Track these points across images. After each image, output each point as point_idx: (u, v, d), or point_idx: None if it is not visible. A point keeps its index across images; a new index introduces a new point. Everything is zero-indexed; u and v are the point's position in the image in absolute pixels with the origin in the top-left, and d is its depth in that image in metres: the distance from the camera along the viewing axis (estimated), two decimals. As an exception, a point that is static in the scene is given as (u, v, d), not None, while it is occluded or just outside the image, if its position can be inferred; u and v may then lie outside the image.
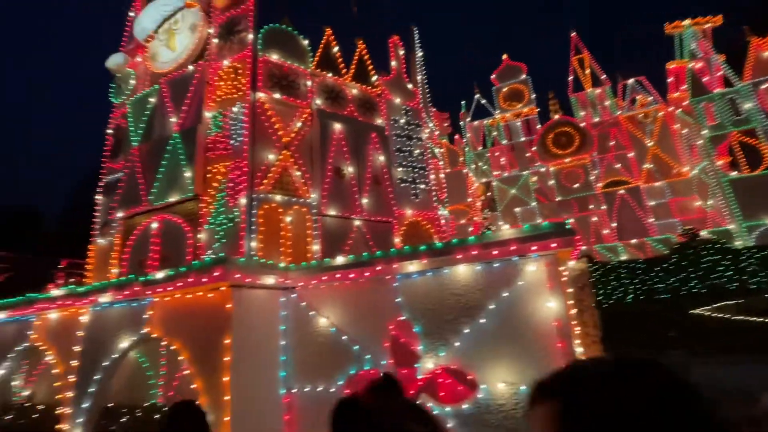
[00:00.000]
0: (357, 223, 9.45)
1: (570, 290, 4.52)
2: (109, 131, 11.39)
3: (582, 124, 22.01)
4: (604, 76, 23.37)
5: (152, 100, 10.21)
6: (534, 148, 23.01)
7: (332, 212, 9.17)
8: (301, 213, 8.82)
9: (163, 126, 9.73)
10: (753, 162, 17.67)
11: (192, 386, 5.01)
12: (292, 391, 5.40)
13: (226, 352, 4.77)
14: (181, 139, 9.17)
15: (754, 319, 10.67)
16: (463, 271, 4.93)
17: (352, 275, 5.33)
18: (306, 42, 10.26)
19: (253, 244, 7.91)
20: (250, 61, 9.19)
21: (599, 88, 22.96)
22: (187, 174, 8.77)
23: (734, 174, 17.49)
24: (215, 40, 9.93)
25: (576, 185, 21.53)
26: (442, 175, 14.48)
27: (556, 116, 22.70)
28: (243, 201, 8.17)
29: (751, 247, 14.04)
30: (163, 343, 7.66)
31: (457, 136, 27.97)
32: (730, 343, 9.43)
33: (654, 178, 20.65)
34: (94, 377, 5.79)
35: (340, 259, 5.55)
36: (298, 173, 9.03)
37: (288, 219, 8.60)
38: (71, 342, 6.19)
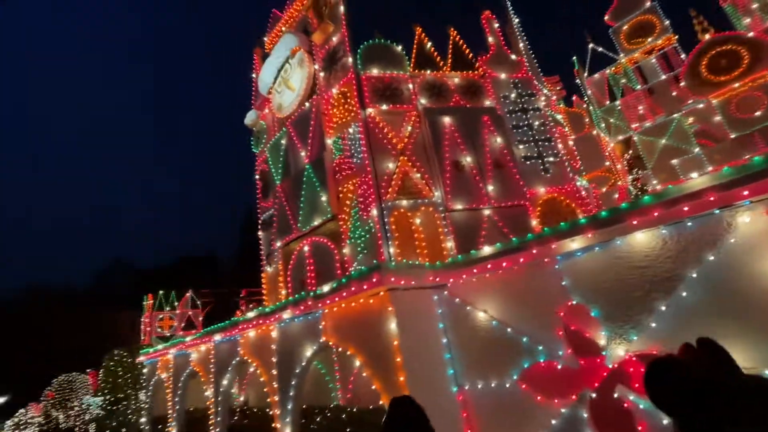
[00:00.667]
0: (486, 212, 9.06)
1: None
2: (257, 176, 13.52)
3: (749, 35, 17.08)
4: (772, -37, 17.79)
5: (283, 142, 11.72)
6: (682, 84, 18.77)
7: (459, 206, 8.99)
8: (429, 213, 8.89)
9: (296, 162, 11.07)
10: None
11: (372, 387, 5.43)
12: (465, 388, 5.35)
13: (397, 352, 5.01)
14: (312, 169, 10.26)
15: None
16: (641, 239, 4.14)
17: (504, 264, 5.05)
18: (400, 48, 10.46)
19: (392, 250, 8.27)
20: (354, 83, 9.80)
21: (767, -20, 17.51)
22: (324, 198, 9.74)
23: None
24: (322, 74, 10.90)
25: (758, 113, 16.69)
26: (571, 143, 12.93)
27: (706, 36, 18.13)
28: (375, 212, 8.64)
29: None
30: (335, 350, 8.60)
31: (575, 98, 24.80)
32: None
33: None
34: (292, 382, 6.78)
35: (487, 249, 5.32)
36: (418, 175, 9.16)
37: (417, 221, 8.76)
38: (269, 354, 7.41)
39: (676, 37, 20.03)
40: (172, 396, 11.15)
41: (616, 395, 4.25)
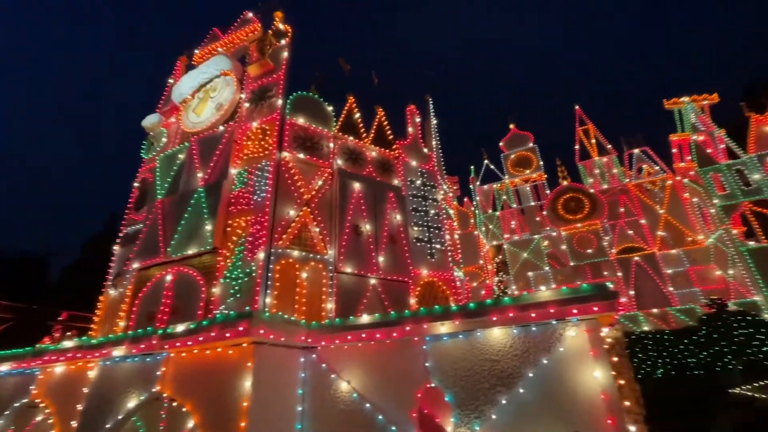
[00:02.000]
0: (373, 281, 9.27)
1: (615, 359, 4.22)
2: (136, 184, 11.81)
3: (591, 191, 22.37)
4: (609, 146, 24.26)
5: (181, 156, 10.70)
6: (544, 213, 23.18)
7: (348, 270, 9.05)
8: (318, 269, 8.72)
9: (189, 181, 10.08)
10: (768, 231, 17.46)
11: (199, 456, 4.54)
12: (307, 466, 4.87)
13: (243, 416, 4.39)
14: (205, 193, 9.43)
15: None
16: (498, 335, 4.66)
17: (378, 335, 5.07)
18: (330, 108, 10.95)
19: (268, 300, 7.72)
20: (278, 124, 9.76)
21: (606, 156, 23.71)
22: (208, 227, 8.87)
23: (752, 243, 17.24)
24: (246, 104, 10.65)
25: (589, 250, 21.28)
26: (456, 236, 14.47)
27: (565, 182, 23.17)
28: (261, 255, 8.14)
29: (783, 320, 13.32)
30: (166, 405, 7.17)
31: (466, 199, 28.47)
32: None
33: (669, 246, 20.41)
34: (93, 441, 5.33)
35: (365, 318, 5.32)
36: (317, 229, 9.09)
37: (304, 275, 8.48)
38: (75, 399, 5.80)
39: (546, 176, 25.27)
40: None
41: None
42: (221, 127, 10.51)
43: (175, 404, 5.26)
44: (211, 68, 11.72)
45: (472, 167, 28.23)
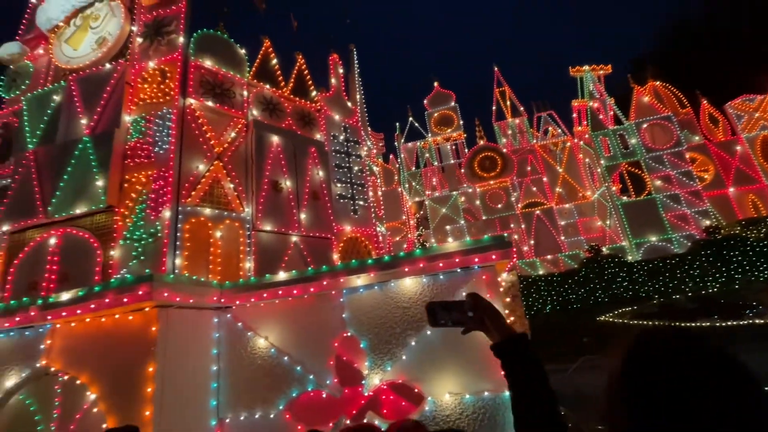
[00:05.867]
0: (294, 239, 9.12)
1: (507, 300, 4.81)
2: (-4, 130, 9.71)
3: (504, 150, 24.12)
4: (522, 108, 26.07)
5: (56, 98, 8.98)
6: (462, 170, 24.59)
7: (268, 227, 8.74)
8: (234, 228, 8.28)
9: (69, 128, 8.56)
10: (638, 188, 20.83)
11: (102, 426, 4.24)
12: (226, 420, 4.89)
13: (149, 382, 4.16)
14: (92, 143, 8.13)
15: (646, 322, 12.36)
16: (409, 284, 4.98)
17: (295, 291, 5.08)
18: (243, 51, 9.90)
19: (178, 261, 7.20)
20: (180, 65, 8.58)
21: (518, 118, 25.50)
22: (100, 183, 7.76)
23: (625, 198, 20.43)
24: (139, 39, 9.12)
25: (499, 206, 23.36)
26: (380, 193, 14.72)
27: (482, 142, 24.61)
28: (167, 214, 7.44)
29: (640, 260, 16.39)
30: (60, 380, 6.52)
31: (391, 156, 28.79)
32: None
33: (564, 201, 23.25)
34: (-36, 427, 4.68)
35: (282, 275, 5.27)
36: (231, 186, 8.51)
37: (218, 234, 8.00)
38: (-67, 384, 4.95)
39: (465, 135, 26.54)
40: None
41: (365, 420, 4.74)
42: (108, 65, 8.93)
43: (67, 377, 4.77)
44: (89, -11, 9.67)
45: (397, 124, 28.40)
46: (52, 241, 7.70)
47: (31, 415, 6.67)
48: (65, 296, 4.53)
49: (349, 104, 12.36)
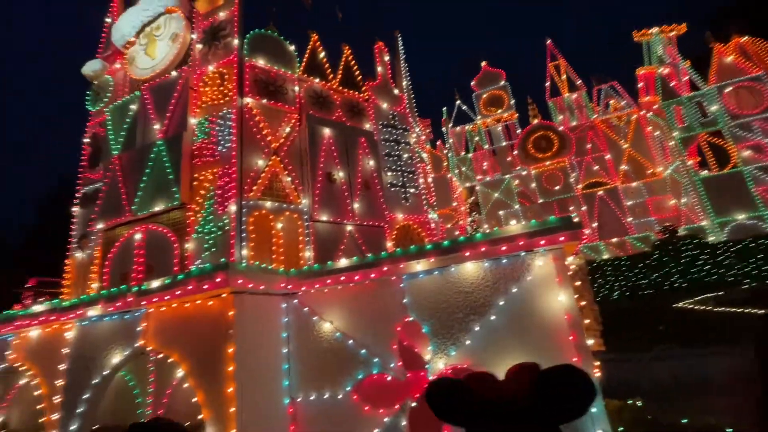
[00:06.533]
0: (349, 228, 9.35)
1: (578, 283, 4.58)
2: (86, 140, 10.95)
3: (560, 128, 22.67)
4: (580, 81, 24.23)
5: (133, 107, 9.88)
6: (515, 152, 23.53)
7: (324, 218, 9.03)
8: (293, 219, 8.66)
9: (145, 134, 9.41)
10: (721, 161, 18.60)
11: (192, 400, 4.74)
12: (297, 400, 5.22)
13: (229, 361, 4.56)
14: (165, 146, 8.88)
15: (734, 309, 11.11)
16: (471, 269, 4.91)
17: (357, 277, 5.23)
18: (292, 47, 10.19)
19: (245, 252, 7.69)
20: (236, 67, 9.04)
21: (575, 93, 23.77)
22: (173, 182, 8.48)
23: (705, 173, 18.35)
24: (199, 46, 9.73)
25: (557, 187, 22.10)
26: (430, 179, 14.57)
27: (536, 121, 23.31)
28: (233, 208, 7.95)
29: (726, 241, 14.70)
30: (152, 359, 7.32)
31: (438, 142, 28.32)
32: (712, 334, 9.76)
33: (630, 179, 21.43)
34: (83, 396, 5.42)
35: (343, 262, 5.44)
36: (288, 179, 8.88)
37: (279, 226, 8.42)
38: (57, 360, 5.80)
39: (517, 115, 25.29)
40: None
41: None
42: (174, 73, 9.65)
43: (161, 356, 5.37)
44: (155, 3, 10.46)
45: (444, 109, 27.76)
46: (138, 236, 8.57)
47: (130, 390, 7.59)
48: (155, 284, 5.06)
49: (396, 92, 12.28)
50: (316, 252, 8.56)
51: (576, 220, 4.67)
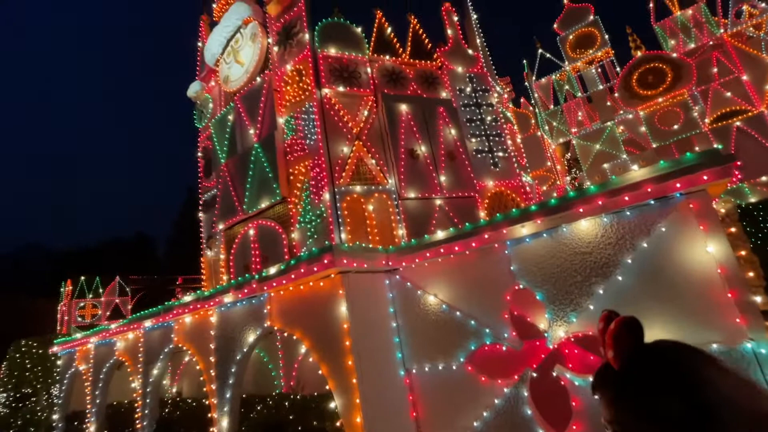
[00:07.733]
0: (438, 202, 9.18)
1: (732, 229, 3.77)
2: (200, 154, 12.55)
3: (673, 56, 18.97)
4: (696, -8, 19.87)
5: (230, 117, 10.97)
6: (616, 94, 20.44)
7: (412, 195, 9.01)
8: (383, 200, 8.81)
9: (244, 139, 10.40)
10: None
11: (318, 373, 5.24)
12: (412, 371, 5.37)
13: (346, 336, 4.87)
14: (261, 148, 9.70)
15: None
16: (586, 227, 4.38)
17: (457, 248, 5.09)
18: (359, 29, 10.17)
19: (343, 236, 8.08)
20: (311, 61, 9.37)
21: (691, 7, 19.57)
22: (273, 180, 9.25)
23: None
24: (276, 48, 10.30)
25: (675, 126, 18.66)
26: (519, 140, 13.52)
27: (639, 53, 19.84)
28: (327, 196, 8.38)
29: None
30: (279, 336, 8.26)
31: (522, 99, 26.04)
32: None
33: (781, 100, 17.10)
34: (231, 370, 6.38)
35: (440, 234, 5.34)
36: (372, 161, 9.02)
37: (370, 207, 8.64)
38: (207, 340, 6.91)
39: (614, 51, 21.80)
40: (91, 389, 10.07)
41: (554, 374, 4.49)
42: (258, 79, 10.42)
43: (286, 334, 6.02)
44: (233, 19, 11.35)
45: (524, 62, 25.23)
46: (251, 232, 9.61)
47: (266, 365, 8.69)
48: (272, 270, 5.62)
49: (470, 52, 11.51)
50: (408, 229, 8.61)
51: (724, 152, 3.79)
